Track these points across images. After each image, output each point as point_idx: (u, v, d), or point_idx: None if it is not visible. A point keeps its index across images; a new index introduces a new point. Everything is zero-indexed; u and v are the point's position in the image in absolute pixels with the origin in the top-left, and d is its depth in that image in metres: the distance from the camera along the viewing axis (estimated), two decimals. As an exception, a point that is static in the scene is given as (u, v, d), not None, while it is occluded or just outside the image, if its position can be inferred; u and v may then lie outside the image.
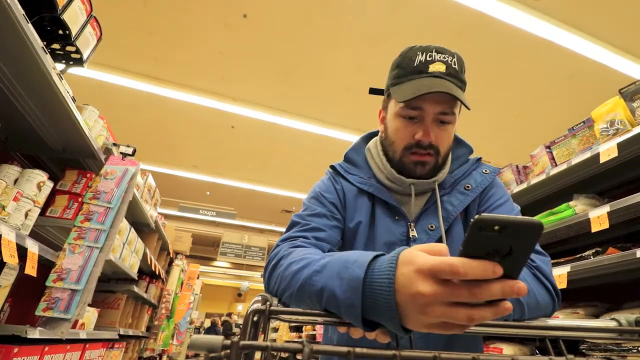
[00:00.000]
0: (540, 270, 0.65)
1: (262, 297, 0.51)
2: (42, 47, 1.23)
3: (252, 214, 10.05)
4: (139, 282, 3.21)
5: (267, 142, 6.35)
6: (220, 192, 8.50)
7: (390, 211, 0.80)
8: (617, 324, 0.53)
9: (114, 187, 1.66)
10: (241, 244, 9.91)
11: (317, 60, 4.37)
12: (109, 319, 2.59)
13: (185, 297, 5.15)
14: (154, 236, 3.30)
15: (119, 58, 4.49)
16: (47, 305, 1.42)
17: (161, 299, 3.93)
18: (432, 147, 0.76)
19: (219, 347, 0.35)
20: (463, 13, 3.60)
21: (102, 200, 1.62)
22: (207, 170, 7.72)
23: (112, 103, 5.11)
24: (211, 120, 5.72)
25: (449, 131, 0.77)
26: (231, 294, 17.51)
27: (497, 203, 0.78)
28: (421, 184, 0.79)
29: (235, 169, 7.55)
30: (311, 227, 0.74)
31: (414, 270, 0.39)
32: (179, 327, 5.01)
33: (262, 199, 8.81)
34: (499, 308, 0.36)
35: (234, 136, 6.20)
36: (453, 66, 0.75)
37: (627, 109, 1.55)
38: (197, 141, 6.52)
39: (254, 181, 8.07)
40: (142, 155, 2.96)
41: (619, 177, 1.70)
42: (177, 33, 4.04)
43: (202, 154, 7.05)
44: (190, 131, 6.17)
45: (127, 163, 1.75)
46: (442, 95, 0.71)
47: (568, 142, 1.80)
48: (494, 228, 0.31)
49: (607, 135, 1.58)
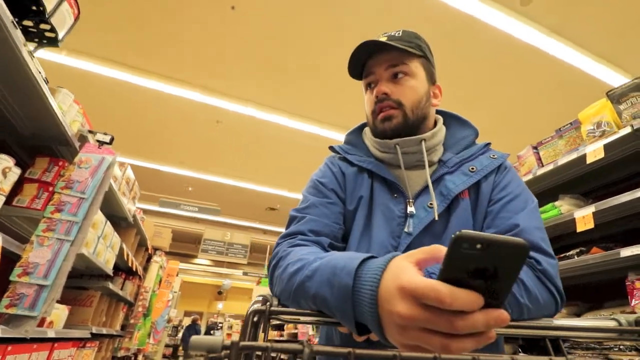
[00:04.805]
0: (545, 273, 0.62)
1: (262, 297, 0.51)
2: (12, 21, 1.13)
3: (236, 210, 9.89)
4: (114, 278, 3.08)
5: (254, 138, 6.24)
6: (203, 188, 8.31)
7: (389, 188, 0.79)
8: (617, 323, 0.52)
9: (89, 177, 1.56)
10: (223, 241, 9.73)
11: (308, 56, 4.31)
12: (80, 317, 2.46)
13: (163, 295, 5.00)
14: (131, 231, 3.17)
15: (102, 47, 4.30)
16: (10, 302, 1.31)
17: (138, 296, 3.78)
18: (391, 100, 0.78)
19: (219, 348, 0.35)
20: (454, 15, 3.61)
21: (75, 190, 1.51)
22: (190, 165, 7.53)
23: (93, 93, 4.89)
24: (196, 114, 5.57)
25: (409, 84, 0.78)
26: (211, 292, 17.23)
27: (512, 194, 0.74)
28: (406, 142, 0.79)
29: (219, 164, 7.39)
30: (308, 221, 0.73)
31: (397, 287, 0.37)
32: (156, 326, 4.86)
33: (246, 195, 8.67)
34: (481, 339, 0.34)
35: (219, 131, 6.06)
36: (395, 35, 0.80)
37: (614, 111, 1.57)
38: (181, 135, 6.35)
39: (238, 178, 7.93)
40: (122, 148, 2.83)
41: (604, 178, 1.72)
42: (163, 23, 3.89)
43: (186, 149, 6.87)
44: (174, 124, 6.00)
45: (104, 152, 1.65)
46: (388, 54, 0.78)
47: (555, 143, 1.82)
48: (476, 246, 0.29)
49: (593, 137, 1.59)
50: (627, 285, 1.46)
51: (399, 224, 0.74)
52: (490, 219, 0.72)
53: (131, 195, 2.84)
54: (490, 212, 0.73)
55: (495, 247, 0.29)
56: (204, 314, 16.81)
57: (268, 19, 3.78)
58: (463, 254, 0.30)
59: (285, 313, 0.50)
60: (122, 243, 2.69)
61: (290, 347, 0.37)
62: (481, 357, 0.36)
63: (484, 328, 0.32)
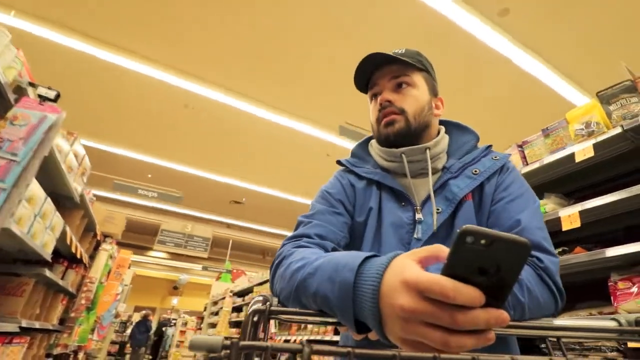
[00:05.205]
0: (547, 271, 0.64)
1: (262, 297, 0.51)
2: None
3: (198, 202, 9.41)
4: (54, 265, 2.70)
5: (222, 126, 5.92)
6: (164, 176, 7.78)
7: (397, 197, 0.81)
8: (617, 324, 0.52)
9: (24, 137, 1.28)
10: (183, 233, 9.23)
11: (285, 45, 4.12)
12: (8, 308, 2.11)
13: (112, 287, 4.57)
14: (77, 213, 2.81)
15: (52, 9, 3.83)
16: None
17: (81, 287, 3.39)
18: (394, 106, 0.81)
19: (219, 348, 0.36)
20: (434, 17, 3.62)
21: (5, 150, 1.23)
22: (151, 150, 7.03)
23: (40, 59, 4.35)
24: (162, 95, 5.18)
25: (412, 93, 0.82)
26: (166, 287, 16.41)
27: (514, 194, 0.76)
28: (411, 151, 0.81)
29: (183, 151, 6.96)
30: (314, 225, 0.76)
31: (400, 280, 0.38)
32: (101, 321, 4.44)
33: (210, 186, 8.26)
34: (480, 338, 0.34)
35: (186, 116, 5.70)
36: (399, 52, 0.84)
37: (603, 112, 1.57)
38: (143, 117, 5.89)
39: (202, 167, 7.52)
40: (73, 125, 2.49)
41: (591, 178, 1.73)
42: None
43: (147, 132, 6.39)
44: (136, 105, 5.55)
45: (47, 109, 1.38)
46: (389, 67, 0.83)
47: (541, 142, 1.81)
48: (480, 242, 0.30)
49: (582, 136, 1.59)
50: (609, 286, 1.45)
51: (408, 231, 0.76)
52: (493, 218, 0.75)
53: (79, 172, 2.50)
54: (492, 212, 0.75)
55: (499, 244, 0.30)
56: (156, 310, 15.96)
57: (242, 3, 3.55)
58: (467, 250, 0.31)
59: (285, 313, 0.50)
60: (65, 225, 2.35)
61: (290, 347, 0.37)
62: (481, 357, 0.36)
63: (484, 325, 0.33)
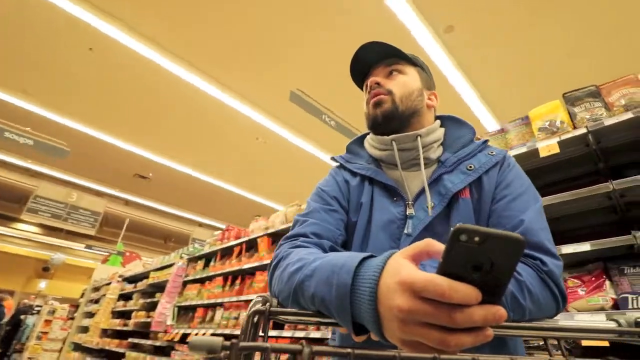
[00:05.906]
0: (550, 275, 0.63)
1: (262, 297, 0.51)
2: None
3: (90, 168, 7.95)
4: None
5: (134, 80, 5.00)
6: (51, 131, 6.27)
7: (389, 192, 0.81)
8: (616, 324, 0.51)
9: None
10: (65, 203, 7.65)
11: (243, 15, 3.62)
12: None
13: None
14: None
15: None
16: None
17: None
18: (383, 88, 0.83)
19: (218, 348, 0.35)
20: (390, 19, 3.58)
21: None
22: (37, 98, 5.62)
23: None
24: (60, 33, 4.13)
25: (402, 80, 0.84)
26: (33, 267, 13.65)
27: (515, 192, 0.73)
28: (402, 138, 0.81)
29: (78, 103, 5.71)
30: (310, 224, 0.76)
31: (396, 281, 0.38)
32: None
33: (109, 152, 7.02)
34: (479, 336, 0.34)
35: (88, 60, 4.67)
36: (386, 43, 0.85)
37: (567, 113, 1.62)
38: (33, 54, 4.64)
39: (102, 128, 6.32)
40: None
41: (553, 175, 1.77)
42: None
43: (36, 75, 5.06)
44: (24, 37, 4.32)
45: None
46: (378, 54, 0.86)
47: (502, 137, 1.82)
48: (474, 239, 0.30)
49: (545, 134, 1.61)
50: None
51: (399, 226, 0.75)
52: (494, 217, 0.73)
53: None
54: (494, 211, 0.73)
55: (492, 241, 0.30)
56: (16, 294, 13.16)
57: None
58: (461, 248, 0.31)
59: (285, 314, 0.51)
60: None
61: (289, 348, 0.37)
62: (481, 358, 0.36)
63: (482, 323, 0.33)
